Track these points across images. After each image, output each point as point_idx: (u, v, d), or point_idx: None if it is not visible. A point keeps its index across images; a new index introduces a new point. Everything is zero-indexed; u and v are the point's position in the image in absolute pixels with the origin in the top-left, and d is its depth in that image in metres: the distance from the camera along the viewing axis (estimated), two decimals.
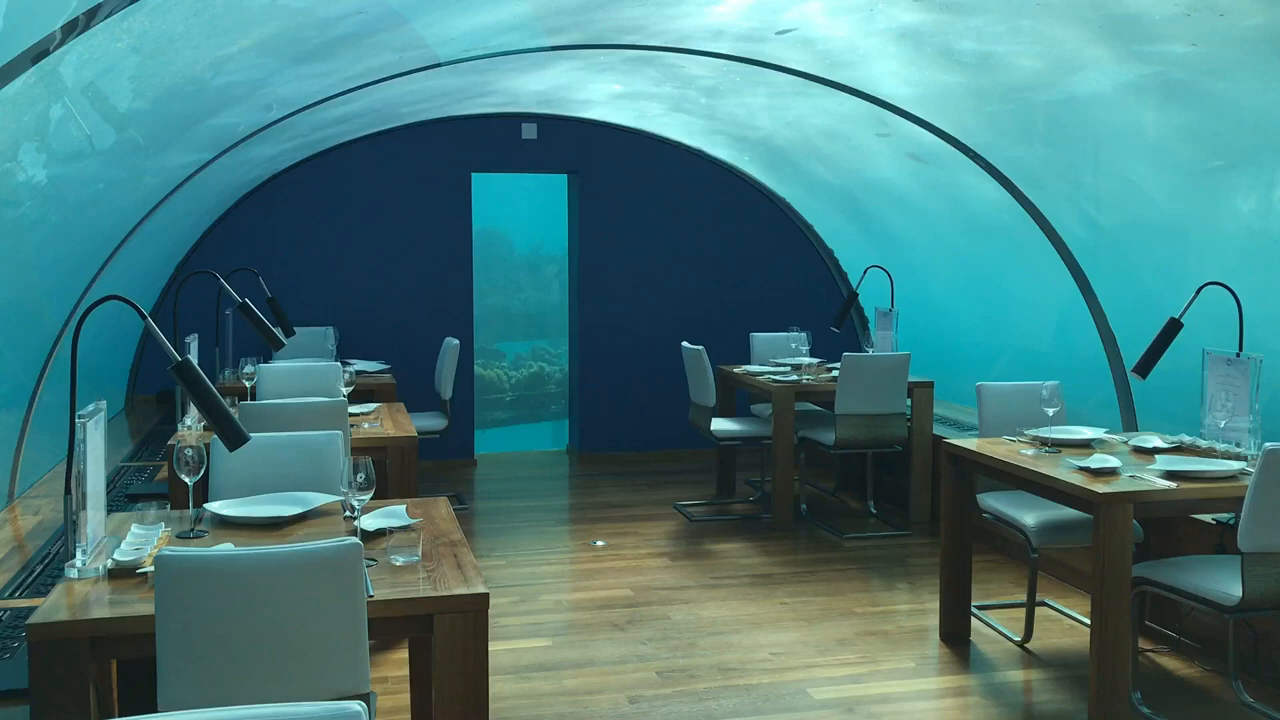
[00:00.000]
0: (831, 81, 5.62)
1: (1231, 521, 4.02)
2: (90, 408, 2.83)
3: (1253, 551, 3.48)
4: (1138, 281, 5.36)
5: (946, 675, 4.37)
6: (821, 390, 6.49)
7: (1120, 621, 3.73)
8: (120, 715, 2.86)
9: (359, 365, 7.05)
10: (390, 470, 4.71)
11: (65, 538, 2.77)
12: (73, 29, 2.89)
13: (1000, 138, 5.51)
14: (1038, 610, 4.80)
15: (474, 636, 2.65)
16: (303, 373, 5.62)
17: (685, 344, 6.89)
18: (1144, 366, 4.41)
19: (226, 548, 2.66)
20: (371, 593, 2.60)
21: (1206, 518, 4.37)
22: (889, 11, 4.54)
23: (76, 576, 2.72)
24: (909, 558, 5.95)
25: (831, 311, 7.67)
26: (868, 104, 5.73)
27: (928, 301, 7.26)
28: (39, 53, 2.90)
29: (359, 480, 2.96)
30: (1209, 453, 4.20)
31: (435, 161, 8.13)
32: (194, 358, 5.01)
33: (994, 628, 4.80)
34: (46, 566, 3.95)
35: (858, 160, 7.00)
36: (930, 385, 6.62)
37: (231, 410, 2.90)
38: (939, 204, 6.71)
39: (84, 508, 2.78)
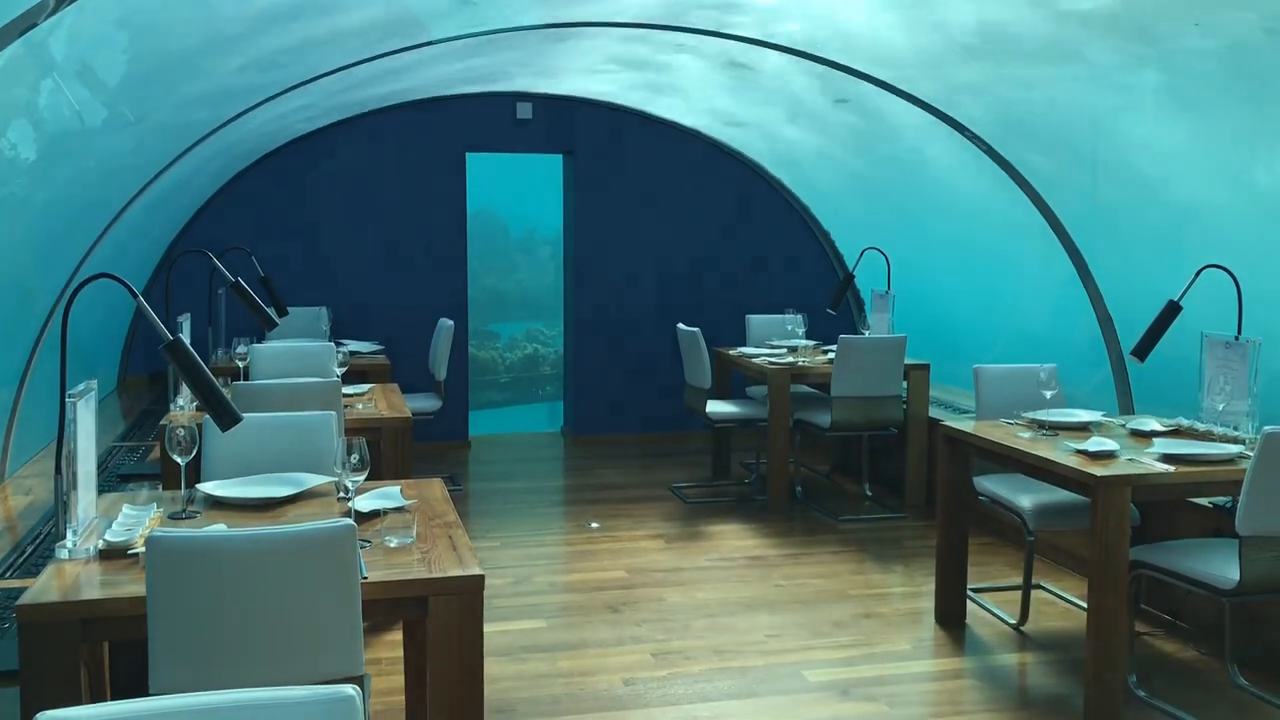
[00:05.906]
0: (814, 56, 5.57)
1: (1229, 505, 4.01)
2: (81, 387, 2.80)
3: (1251, 535, 3.47)
4: (1135, 263, 5.33)
5: (942, 658, 4.36)
6: (817, 372, 6.47)
7: (1117, 605, 3.72)
8: (112, 698, 2.83)
9: (353, 346, 7.02)
10: (384, 451, 4.68)
11: (56, 518, 2.74)
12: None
13: (997, 118, 5.48)
14: (1033, 593, 4.80)
15: (469, 618, 2.63)
16: (296, 353, 5.58)
17: (681, 326, 6.87)
18: (1143, 349, 4.40)
19: (219, 529, 2.63)
20: (365, 574, 2.58)
21: (1204, 501, 4.37)
22: None
23: (67, 557, 2.69)
24: (904, 540, 5.94)
25: (828, 294, 7.64)
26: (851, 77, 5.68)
27: (924, 284, 7.23)
28: (27, 25, 2.86)
29: (353, 461, 2.94)
30: (1207, 436, 4.19)
31: (430, 141, 8.07)
32: (186, 337, 4.96)
33: (989, 611, 4.79)
34: (37, 547, 3.92)
35: (855, 141, 6.96)
36: (926, 368, 6.61)
37: (224, 390, 2.87)
38: (934, 184, 6.67)
39: (75, 488, 2.76)
